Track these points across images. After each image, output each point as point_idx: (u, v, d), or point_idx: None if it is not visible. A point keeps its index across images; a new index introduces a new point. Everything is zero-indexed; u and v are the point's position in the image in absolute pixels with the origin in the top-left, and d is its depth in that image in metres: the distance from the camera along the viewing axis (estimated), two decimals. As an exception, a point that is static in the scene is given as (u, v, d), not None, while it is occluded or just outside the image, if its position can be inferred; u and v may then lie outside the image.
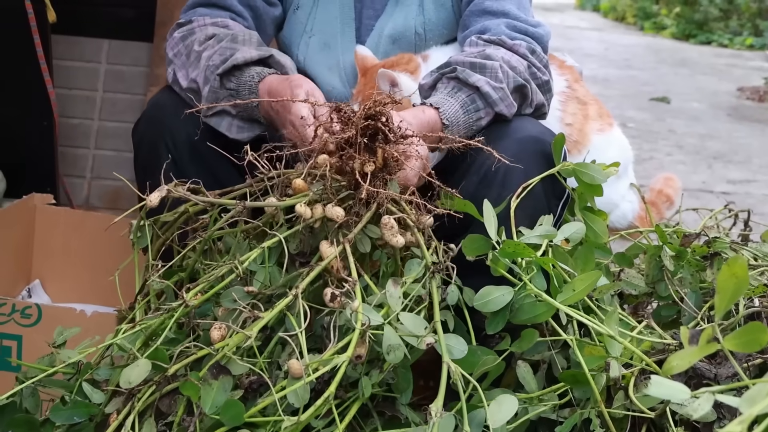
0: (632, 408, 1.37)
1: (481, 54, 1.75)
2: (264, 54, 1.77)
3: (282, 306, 1.33)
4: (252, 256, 1.41)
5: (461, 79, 1.70)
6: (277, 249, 1.45)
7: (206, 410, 1.27)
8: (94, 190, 3.20)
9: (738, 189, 4.70)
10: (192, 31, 1.86)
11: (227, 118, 1.77)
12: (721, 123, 6.68)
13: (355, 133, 1.40)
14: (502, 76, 1.71)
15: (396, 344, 1.31)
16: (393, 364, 1.34)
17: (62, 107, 3.05)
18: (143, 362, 1.30)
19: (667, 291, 1.75)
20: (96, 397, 1.37)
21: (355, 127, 1.41)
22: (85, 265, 2.37)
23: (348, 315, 1.30)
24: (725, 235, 1.96)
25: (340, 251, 1.37)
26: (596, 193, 1.67)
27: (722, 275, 1.00)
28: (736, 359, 1.40)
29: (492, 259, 1.45)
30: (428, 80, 1.77)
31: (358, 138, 1.41)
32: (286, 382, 1.29)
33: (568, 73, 2.29)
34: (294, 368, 1.27)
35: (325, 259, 1.37)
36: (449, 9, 1.98)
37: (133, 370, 1.29)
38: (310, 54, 1.99)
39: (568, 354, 1.52)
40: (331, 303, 1.31)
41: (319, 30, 1.99)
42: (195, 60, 1.80)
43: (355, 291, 1.32)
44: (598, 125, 2.28)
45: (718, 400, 1.06)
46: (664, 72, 9.30)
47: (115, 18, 3.25)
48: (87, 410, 1.37)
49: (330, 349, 1.28)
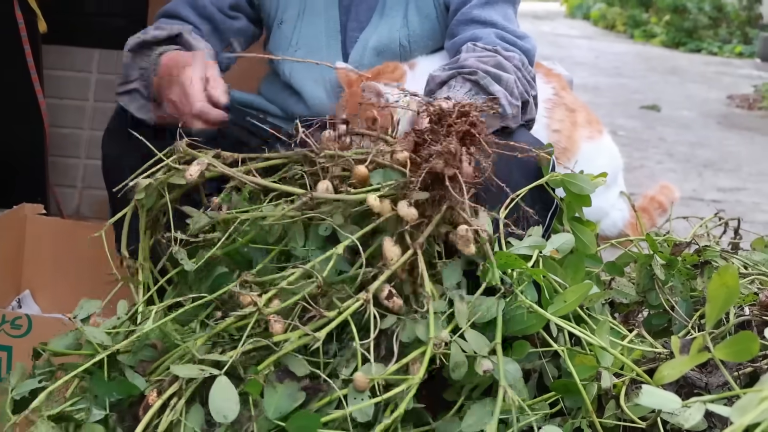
0: (623, 417, 1.37)
1: (494, 62, 1.74)
2: (171, 32, 1.82)
3: (352, 310, 1.27)
4: (329, 266, 1.31)
5: (482, 85, 1.68)
6: (330, 238, 1.37)
7: (269, 414, 1.21)
8: (85, 200, 3.18)
9: (728, 197, 4.72)
10: (146, 32, 1.91)
11: (139, 99, 1.79)
12: (711, 131, 6.71)
13: (447, 133, 1.32)
14: (516, 92, 1.71)
15: (461, 361, 1.27)
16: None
17: (53, 117, 3.04)
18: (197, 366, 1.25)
19: (657, 300, 1.75)
20: (138, 381, 1.32)
21: (447, 126, 1.33)
22: (75, 275, 2.36)
23: (414, 329, 1.25)
24: (716, 243, 1.96)
25: (410, 255, 1.30)
26: (585, 203, 1.67)
27: (713, 284, 1.01)
28: (727, 368, 1.40)
29: (482, 270, 1.45)
30: (441, 74, 1.73)
31: (451, 139, 1.31)
32: (346, 392, 1.23)
33: (554, 81, 2.29)
34: (360, 382, 1.21)
35: (390, 258, 1.29)
36: (434, 20, 1.98)
37: (187, 368, 1.25)
38: (295, 67, 1.99)
39: (559, 363, 1.52)
40: (386, 301, 1.27)
41: (305, 44, 1.99)
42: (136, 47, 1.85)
43: (428, 305, 1.26)
44: (587, 132, 2.28)
45: (709, 410, 1.06)
46: (654, 80, 9.33)
47: (106, 27, 3.24)
48: (127, 389, 1.32)
49: (394, 364, 1.23)
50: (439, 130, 1.33)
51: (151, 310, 1.41)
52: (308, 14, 2.00)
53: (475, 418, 1.29)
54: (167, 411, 1.24)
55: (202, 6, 1.96)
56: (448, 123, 1.33)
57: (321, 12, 2.00)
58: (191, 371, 1.24)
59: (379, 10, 1.98)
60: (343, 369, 1.27)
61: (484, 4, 1.90)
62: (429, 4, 1.97)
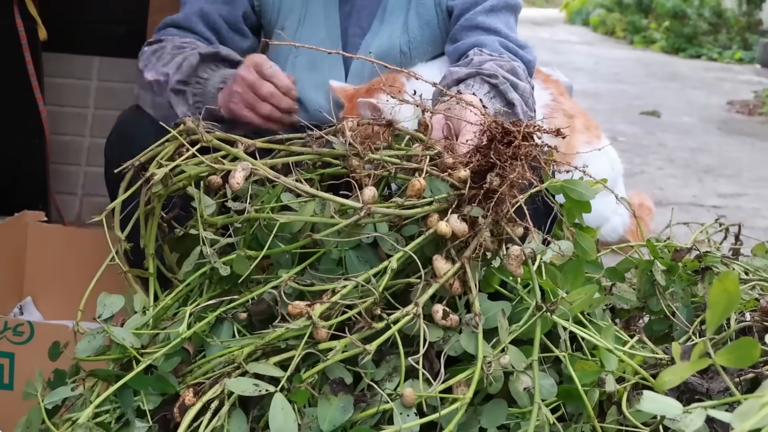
0: (626, 423, 1.37)
1: (509, 67, 1.74)
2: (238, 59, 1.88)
3: (403, 323, 1.23)
4: (384, 281, 1.26)
5: (501, 90, 1.68)
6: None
7: (324, 427, 1.18)
8: (86, 207, 3.19)
9: (728, 203, 4.72)
10: (162, 46, 1.94)
11: (184, 104, 1.83)
12: (712, 137, 6.71)
13: (513, 156, 1.29)
14: (531, 103, 1.71)
15: (499, 376, 1.26)
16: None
17: (53, 124, 3.05)
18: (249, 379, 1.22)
19: (658, 305, 1.75)
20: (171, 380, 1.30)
21: (514, 148, 1.29)
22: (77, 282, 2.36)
23: (461, 344, 1.24)
24: (716, 249, 1.96)
25: (458, 269, 1.28)
26: (584, 209, 1.67)
27: (714, 290, 1.01)
28: (728, 374, 1.40)
29: (485, 273, 1.45)
30: (460, 71, 1.73)
31: (518, 164, 1.28)
32: (390, 407, 1.21)
33: (552, 87, 2.30)
34: (409, 397, 1.19)
35: (441, 272, 1.27)
36: (434, 26, 1.98)
37: (242, 383, 1.21)
38: (297, 74, 1.99)
39: (560, 368, 1.52)
40: (443, 320, 1.25)
41: (305, 50, 1.99)
42: (168, 59, 1.87)
43: (478, 321, 1.25)
44: (585, 138, 2.29)
45: (711, 416, 1.06)
46: (654, 86, 9.34)
47: (106, 35, 3.25)
48: (163, 386, 1.29)
49: (440, 383, 1.21)
50: (504, 150, 1.30)
51: (184, 311, 1.37)
52: (309, 20, 2.00)
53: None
54: (207, 415, 1.21)
55: (212, 21, 1.97)
56: (514, 144, 1.29)
57: (321, 18, 2.00)
58: (247, 387, 1.20)
59: (379, 16, 1.98)
60: (387, 383, 1.25)
61: (489, 11, 1.90)
62: (430, 10, 1.97)
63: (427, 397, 1.21)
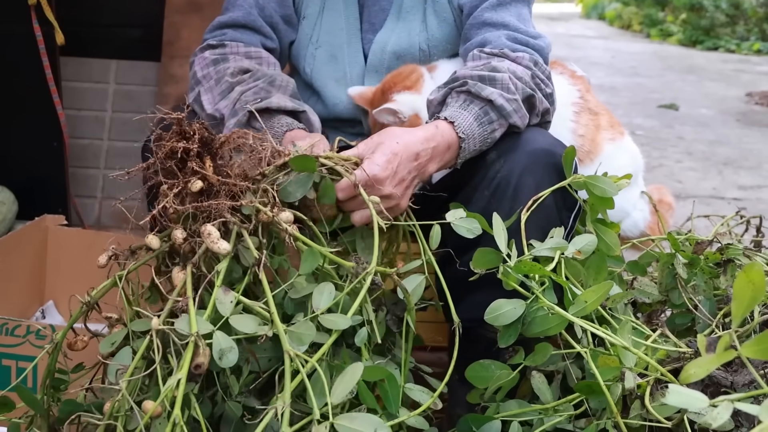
0: (649, 418, 1.36)
1: (488, 66, 1.74)
2: (297, 108, 1.78)
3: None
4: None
5: (473, 92, 1.68)
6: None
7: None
8: (105, 210, 3.21)
9: (749, 195, 4.69)
10: (225, 58, 1.88)
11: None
12: (731, 129, 6.67)
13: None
14: (513, 88, 1.70)
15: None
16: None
17: (72, 128, 3.07)
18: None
19: (680, 299, 1.74)
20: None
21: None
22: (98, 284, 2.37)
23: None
24: (737, 241, 1.95)
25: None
26: (608, 205, 1.67)
27: (739, 282, 1.00)
28: (753, 366, 1.39)
29: (503, 272, 1.44)
30: (437, 96, 1.75)
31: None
32: None
33: (579, 84, 2.28)
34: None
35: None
36: (452, 24, 1.97)
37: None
38: (317, 66, 1.99)
39: (582, 364, 1.51)
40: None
41: (326, 41, 1.99)
42: (226, 90, 1.80)
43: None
44: (609, 135, 2.27)
45: (736, 408, 1.05)
46: (672, 79, 9.29)
47: (123, 38, 3.27)
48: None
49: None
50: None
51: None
52: (328, 11, 2.00)
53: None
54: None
55: (268, 15, 1.96)
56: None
57: (341, 9, 1.99)
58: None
59: (394, 13, 1.98)
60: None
61: (497, 6, 1.89)
62: (446, 8, 1.96)
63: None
